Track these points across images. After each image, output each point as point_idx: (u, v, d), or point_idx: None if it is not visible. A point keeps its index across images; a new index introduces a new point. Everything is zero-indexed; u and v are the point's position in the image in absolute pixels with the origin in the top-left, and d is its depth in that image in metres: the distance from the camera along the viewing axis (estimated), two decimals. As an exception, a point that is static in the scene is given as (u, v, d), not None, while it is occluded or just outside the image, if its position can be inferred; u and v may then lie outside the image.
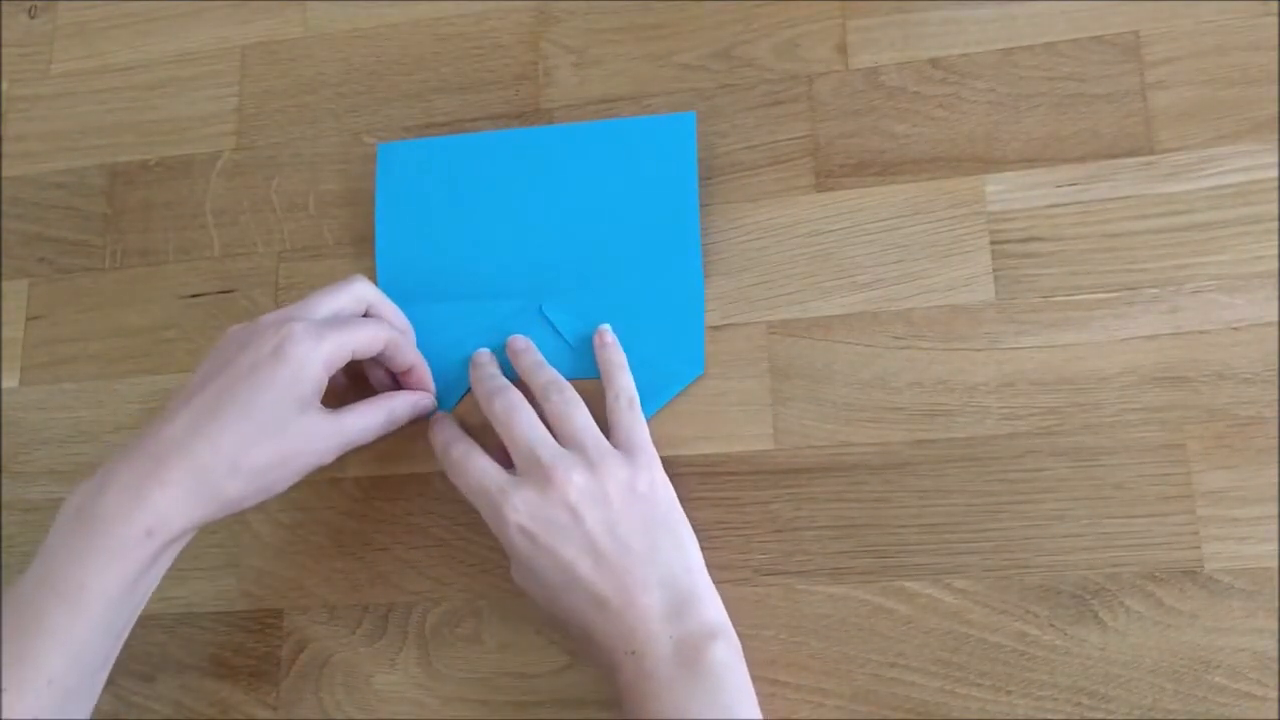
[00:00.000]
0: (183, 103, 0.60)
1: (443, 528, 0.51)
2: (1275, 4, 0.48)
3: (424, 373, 0.50)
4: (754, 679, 0.46)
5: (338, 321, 0.47)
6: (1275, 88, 0.48)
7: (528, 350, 0.50)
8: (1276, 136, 0.47)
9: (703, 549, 0.48)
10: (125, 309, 0.57)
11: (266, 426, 0.44)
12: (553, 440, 0.46)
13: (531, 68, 0.56)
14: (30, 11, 0.63)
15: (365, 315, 0.49)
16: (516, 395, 0.47)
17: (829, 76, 0.52)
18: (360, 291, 0.49)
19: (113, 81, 0.61)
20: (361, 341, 0.47)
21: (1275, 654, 0.43)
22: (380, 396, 0.48)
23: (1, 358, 0.58)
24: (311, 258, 0.56)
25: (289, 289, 0.55)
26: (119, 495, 0.42)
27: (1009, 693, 0.44)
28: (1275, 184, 0.47)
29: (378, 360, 0.49)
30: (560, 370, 0.50)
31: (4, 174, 0.61)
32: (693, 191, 0.51)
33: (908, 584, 0.46)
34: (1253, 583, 0.43)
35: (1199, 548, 0.44)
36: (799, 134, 0.52)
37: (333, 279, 0.54)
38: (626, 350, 0.50)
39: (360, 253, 0.55)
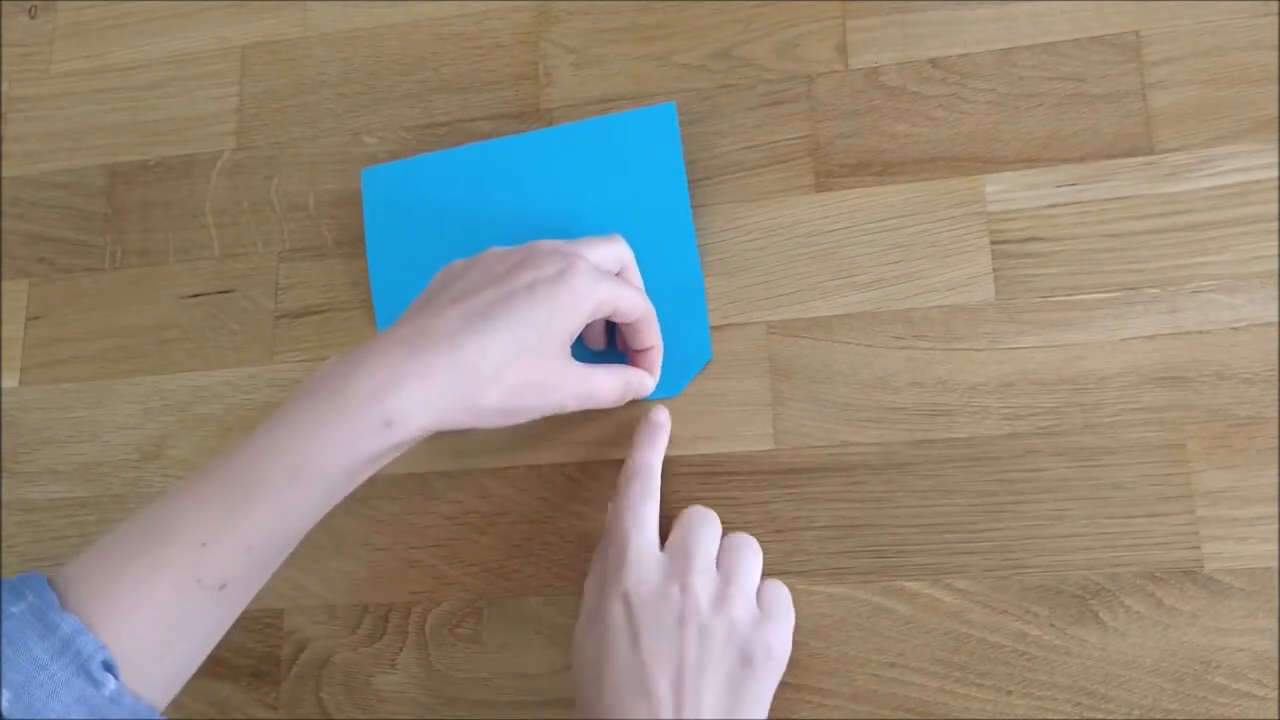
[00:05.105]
0: (183, 103, 0.60)
1: (442, 528, 0.51)
2: (1275, 4, 0.48)
3: (659, 356, 0.49)
4: (754, 679, 0.46)
5: (610, 274, 0.45)
6: (1275, 88, 0.47)
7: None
8: (1276, 136, 0.47)
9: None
10: (125, 309, 0.57)
11: (535, 345, 0.42)
12: (715, 558, 0.44)
13: (531, 68, 0.56)
14: (30, 11, 0.63)
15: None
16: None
17: (829, 76, 0.52)
18: (621, 252, 0.47)
19: (113, 81, 0.61)
20: (626, 302, 0.45)
21: (1275, 654, 0.43)
22: (617, 366, 0.47)
23: (1, 358, 0.58)
24: (311, 258, 0.56)
25: (289, 289, 0.55)
26: (368, 379, 0.39)
27: (1009, 693, 0.44)
28: (1275, 184, 0.47)
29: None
30: None
31: (4, 174, 0.61)
32: (681, 181, 0.51)
33: (908, 584, 0.46)
34: (1253, 583, 0.43)
35: (1199, 548, 0.44)
36: (799, 134, 0.52)
37: (333, 279, 0.55)
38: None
39: (360, 253, 0.55)
